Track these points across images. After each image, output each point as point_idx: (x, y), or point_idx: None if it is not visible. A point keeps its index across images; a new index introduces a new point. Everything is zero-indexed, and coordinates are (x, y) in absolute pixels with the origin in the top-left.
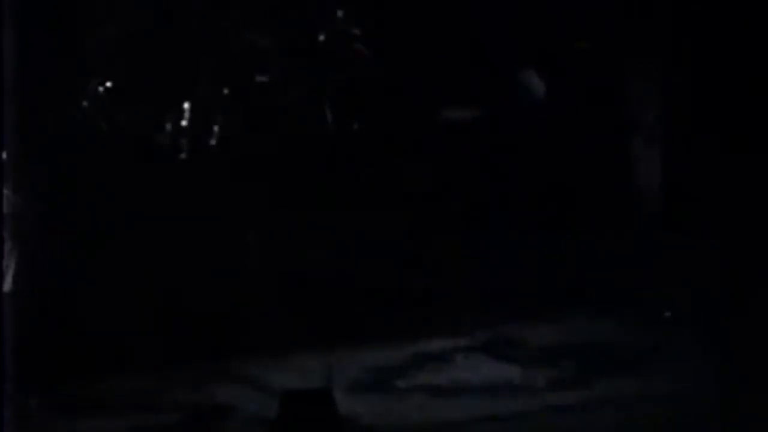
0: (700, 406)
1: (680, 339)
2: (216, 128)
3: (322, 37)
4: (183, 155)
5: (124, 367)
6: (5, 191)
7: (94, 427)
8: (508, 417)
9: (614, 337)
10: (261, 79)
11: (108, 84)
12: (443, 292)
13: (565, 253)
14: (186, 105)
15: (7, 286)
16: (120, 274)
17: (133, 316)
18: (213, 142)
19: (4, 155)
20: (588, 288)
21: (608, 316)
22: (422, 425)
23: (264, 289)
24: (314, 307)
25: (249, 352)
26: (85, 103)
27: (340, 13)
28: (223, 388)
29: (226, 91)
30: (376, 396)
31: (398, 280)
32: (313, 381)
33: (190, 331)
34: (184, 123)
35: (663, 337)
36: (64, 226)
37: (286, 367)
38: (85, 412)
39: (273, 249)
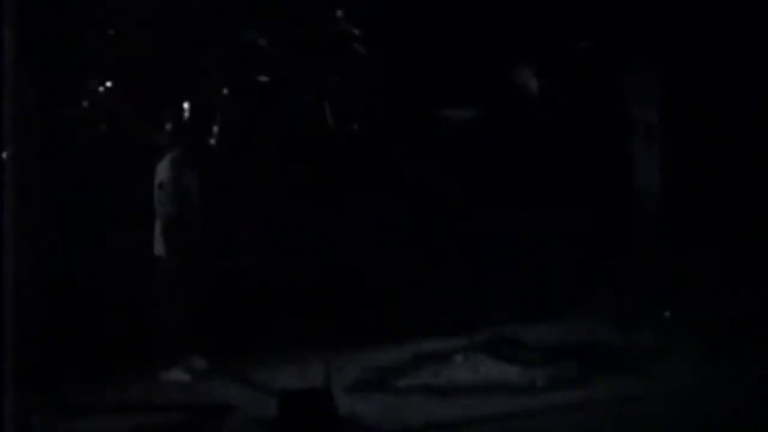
0: (699, 406)
1: (680, 339)
2: (216, 128)
3: (322, 37)
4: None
5: (124, 367)
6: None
7: (94, 427)
8: (508, 417)
9: (614, 337)
10: (261, 79)
11: (108, 84)
12: (443, 292)
13: (565, 252)
14: (186, 105)
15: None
16: (120, 274)
17: (133, 317)
18: (213, 141)
19: (5, 155)
20: (588, 288)
21: (608, 316)
22: (422, 425)
23: (264, 289)
24: (314, 307)
25: (249, 352)
26: (85, 103)
27: (340, 13)
28: (223, 388)
29: (226, 91)
30: (376, 396)
31: (399, 281)
32: (313, 381)
33: (190, 331)
34: (184, 123)
35: (663, 337)
36: (63, 227)
37: (286, 367)
38: (85, 413)
39: (273, 248)
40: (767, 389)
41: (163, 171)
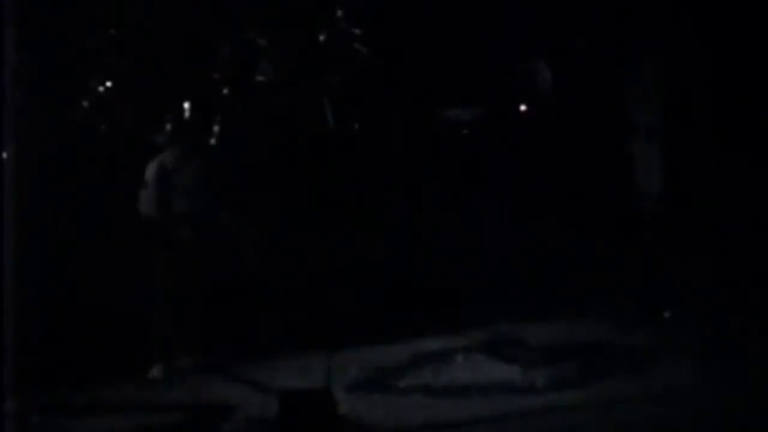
0: (699, 406)
1: (680, 339)
2: (216, 128)
3: (322, 37)
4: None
5: (124, 367)
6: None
7: (94, 428)
8: (508, 417)
9: (614, 337)
10: (261, 79)
11: (108, 84)
12: (443, 292)
13: (566, 252)
14: (186, 105)
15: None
16: (119, 275)
17: (134, 317)
18: (212, 141)
19: (5, 155)
20: (588, 288)
21: (608, 316)
22: (422, 425)
23: (264, 289)
24: (314, 307)
25: (249, 352)
26: (85, 103)
27: (340, 13)
28: (223, 388)
29: (226, 91)
30: (376, 396)
31: (398, 280)
32: (313, 381)
33: (191, 331)
34: (184, 123)
35: (663, 337)
36: (63, 227)
37: (286, 367)
38: (85, 413)
39: (273, 249)
40: (767, 389)
41: (149, 171)
